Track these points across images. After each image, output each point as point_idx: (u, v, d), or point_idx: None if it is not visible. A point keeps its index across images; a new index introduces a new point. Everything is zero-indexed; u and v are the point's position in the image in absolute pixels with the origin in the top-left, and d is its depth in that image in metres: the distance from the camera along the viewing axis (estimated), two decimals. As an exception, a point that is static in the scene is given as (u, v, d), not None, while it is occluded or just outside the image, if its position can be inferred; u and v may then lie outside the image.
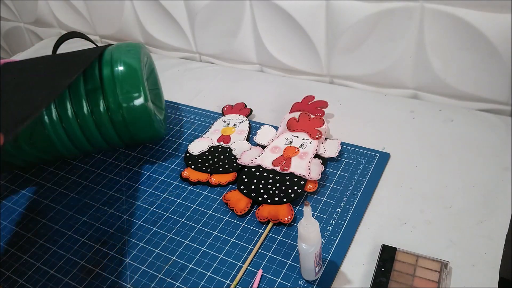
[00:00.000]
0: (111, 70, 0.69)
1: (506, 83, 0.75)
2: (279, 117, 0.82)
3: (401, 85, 0.85)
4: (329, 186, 0.68)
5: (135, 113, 0.69)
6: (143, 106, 0.69)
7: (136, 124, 0.71)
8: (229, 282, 0.58)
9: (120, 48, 0.72)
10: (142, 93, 0.69)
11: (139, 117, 0.70)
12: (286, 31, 0.89)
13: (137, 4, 1.06)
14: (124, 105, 0.68)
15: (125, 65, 0.69)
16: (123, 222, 0.68)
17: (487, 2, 0.68)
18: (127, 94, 0.68)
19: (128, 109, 0.69)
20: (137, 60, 0.71)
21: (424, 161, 0.70)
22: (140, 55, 0.72)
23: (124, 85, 0.68)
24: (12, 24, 1.39)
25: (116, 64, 0.69)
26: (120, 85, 0.68)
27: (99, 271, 0.62)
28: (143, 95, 0.69)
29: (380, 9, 0.76)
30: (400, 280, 0.53)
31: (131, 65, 0.69)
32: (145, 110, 0.70)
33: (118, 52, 0.71)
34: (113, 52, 0.71)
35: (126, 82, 0.68)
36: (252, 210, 0.66)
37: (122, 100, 0.68)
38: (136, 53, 0.72)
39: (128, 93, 0.68)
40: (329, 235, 0.61)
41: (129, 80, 0.69)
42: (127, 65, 0.69)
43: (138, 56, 0.71)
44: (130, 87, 0.68)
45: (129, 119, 0.70)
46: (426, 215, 0.62)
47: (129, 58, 0.70)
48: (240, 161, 0.73)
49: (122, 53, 0.71)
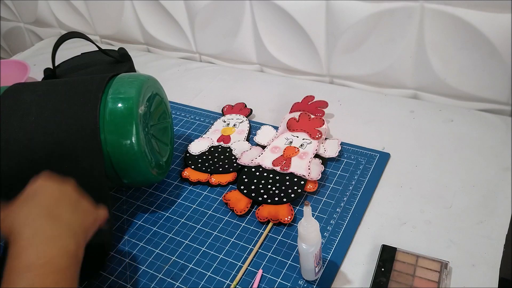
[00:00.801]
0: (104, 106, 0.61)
1: (506, 83, 0.75)
2: (279, 117, 0.82)
3: (401, 85, 0.85)
4: (329, 186, 0.68)
5: (121, 157, 0.61)
6: (133, 147, 0.61)
7: (123, 168, 0.63)
8: (229, 282, 0.58)
9: (120, 80, 0.65)
10: (133, 135, 0.61)
11: (127, 162, 0.62)
12: (286, 31, 0.89)
13: (137, 4, 1.06)
14: (110, 147, 0.60)
15: (119, 100, 0.62)
16: (123, 222, 0.68)
17: (487, 2, 0.68)
18: (113, 135, 0.60)
19: (115, 148, 0.61)
20: (134, 96, 0.62)
21: (424, 161, 0.70)
22: (141, 89, 0.64)
23: (112, 124, 0.60)
24: (12, 24, 1.39)
25: (111, 99, 0.62)
26: (109, 124, 0.60)
27: (99, 271, 0.62)
28: (134, 137, 0.61)
29: (380, 9, 0.76)
30: (400, 280, 0.53)
31: (125, 100, 0.62)
32: (133, 155, 0.61)
33: (116, 85, 0.64)
34: (112, 84, 0.64)
35: (115, 122, 0.60)
36: (252, 210, 0.66)
37: (108, 140, 0.60)
38: (136, 86, 0.64)
39: (116, 133, 0.60)
40: (329, 235, 0.61)
41: (119, 119, 0.61)
42: (121, 100, 0.62)
43: (139, 90, 0.63)
44: (118, 128, 0.60)
45: (115, 161, 0.61)
46: (426, 215, 0.62)
47: (126, 93, 0.62)
48: (240, 161, 0.73)
49: (121, 87, 0.63)
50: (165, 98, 0.74)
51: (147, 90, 0.66)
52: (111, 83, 0.64)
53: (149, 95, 0.67)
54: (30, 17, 1.31)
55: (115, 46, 1.16)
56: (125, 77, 0.66)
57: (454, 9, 0.71)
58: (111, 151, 0.61)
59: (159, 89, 0.72)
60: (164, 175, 0.71)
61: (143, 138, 0.63)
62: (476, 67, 0.75)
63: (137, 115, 0.62)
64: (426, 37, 0.76)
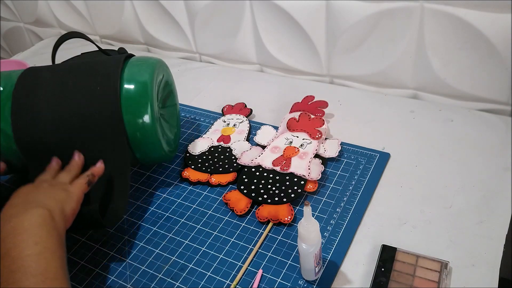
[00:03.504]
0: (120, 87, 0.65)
1: (506, 83, 0.75)
2: (279, 117, 0.82)
3: (401, 85, 0.85)
4: (329, 186, 0.68)
5: (138, 132, 0.65)
6: (148, 126, 0.65)
7: (140, 144, 0.66)
8: (229, 282, 0.58)
9: (134, 63, 0.69)
10: (148, 111, 0.65)
11: (144, 137, 0.66)
12: (286, 31, 0.89)
13: (137, 4, 1.06)
14: (128, 122, 0.64)
15: (134, 82, 0.65)
16: (123, 222, 0.68)
17: (487, 2, 0.68)
18: (131, 111, 0.64)
19: (130, 127, 0.64)
20: (149, 77, 0.66)
21: (424, 161, 0.70)
22: (153, 73, 0.68)
23: (130, 102, 0.64)
24: (12, 24, 1.39)
25: (126, 81, 0.65)
26: (126, 103, 0.64)
27: (99, 271, 0.62)
28: (150, 114, 0.65)
29: (380, 9, 0.76)
30: (400, 280, 0.53)
31: (140, 82, 0.65)
32: (150, 130, 0.65)
33: (131, 68, 0.67)
34: (126, 67, 0.67)
35: (132, 100, 0.64)
36: (252, 210, 0.66)
37: (125, 117, 0.64)
38: (149, 69, 0.67)
39: (133, 110, 0.64)
40: (329, 235, 0.61)
41: (135, 97, 0.64)
42: (136, 82, 0.65)
43: (151, 73, 0.67)
44: (136, 105, 0.64)
45: (132, 137, 0.65)
46: (426, 215, 0.62)
47: (140, 76, 0.66)
48: (240, 161, 0.73)
49: (135, 68, 0.67)
50: (173, 84, 0.78)
51: (159, 73, 0.70)
52: (125, 66, 0.68)
53: (160, 77, 0.70)
54: (30, 17, 1.31)
55: (115, 46, 1.16)
56: (138, 60, 0.70)
57: (454, 9, 0.71)
58: (127, 129, 0.64)
59: (167, 72, 0.75)
60: (173, 153, 0.74)
61: (156, 117, 0.66)
62: (476, 67, 0.75)
63: (151, 96, 0.65)
64: (426, 37, 0.76)
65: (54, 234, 0.49)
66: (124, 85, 0.65)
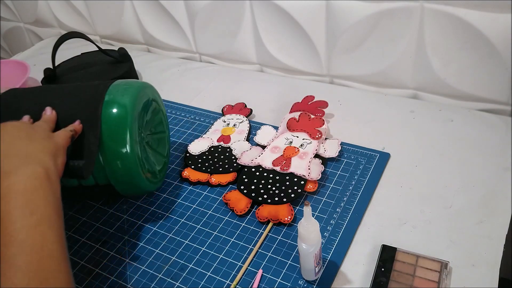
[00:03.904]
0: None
1: (506, 83, 0.75)
2: (279, 117, 0.82)
3: (401, 85, 0.85)
4: (329, 186, 0.68)
5: (116, 163, 0.60)
6: (126, 156, 0.60)
7: (117, 176, 0.62)
8: (229, 282, 0.58)
9: (116, 87, 0.63)
10: (126, 142, 0.60)
11: (121, 169, 0.61)
12: (286, 31, 0.89)
13: (137, 4, 1.06)
14: (104, 155, 0.60)
15: (114, 106, 0.61)
16: (123, 222, 0.68)
17: (487, 2, 0.68)
18: (108, 141, 0.59)
19: (108, 157, 0.60)
20: (130, 102, 0.62)
21: (424, 161, 0.70)
22: (136, 96, 0.63)
23: (107, 131, 0.59)
24: (12, 24, 1.39)
25: (106, 105, 0.61)
26: (105, 129, 0.60)
27: (99, 271, 0.62)
28: (128, 145, 0.60)
29: (380, 9, 0.76)
30: (400, 280, 0.53)
31: (119, 107, 0.60)
32: (127, 161, 0.60)
33: (113, 91, 0.63)
34: (109, 90, 0.63)
35: (110, 129, 0.60)
36: (252, 210, 0.66)
37: (103, 146, 0.59)
38: (131, 93, 0.63)
39: (110, 140, 0.59)
40: (329, 235, 0.61)
41: (113, 126, 0.60)
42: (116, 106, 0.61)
43: (134, 97, 0.63)
44: (112, 134, 0.60)
45: (109, 169, 0.61)
46: (426, 215, 0.62)
47: (121, 99, 0.61)
48: (240, 161, 0.73)
49: (117, 93, 0.62)
50: (162, 107, 0.73)
51: (143, 97, 0.65)
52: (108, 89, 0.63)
53: (144, 101, 0.66)
54: (30, 17, 1.31)
55: (115, 46, 1.16)
56: (120, 84, 0.65)
57: (454, 9, 0.71)
58: (105, 158, 0.60)
59: (156, 97, 0.70)
60: (158, 184, 0.69)
61: (137, 144, 0.62)
62: (476, 67, 0.75)
63: (131, 122, 0.61)
64: (426, 37, 0.76)
65: (51, 200, 0.45)
66: (103, 109, 0.60)
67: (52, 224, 0.43)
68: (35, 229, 0.42)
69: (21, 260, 0.39)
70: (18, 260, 0.39)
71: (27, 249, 0.40)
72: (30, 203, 0.43)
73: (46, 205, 0.44)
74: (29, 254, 0.40)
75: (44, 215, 0.43)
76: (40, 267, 0.40)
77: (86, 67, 0.99)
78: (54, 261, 0.41)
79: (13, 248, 0.40)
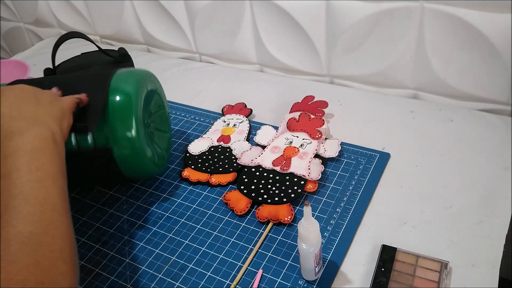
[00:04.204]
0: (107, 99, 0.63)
1: (506, 83, 0.75)
2: (279, 117, 0.82)
3: (401, 85, 0.85)
4: (329, 186, 0.68)
5: (123, 151, 0.63)
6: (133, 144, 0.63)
7: (126, 163, 0.64)
8: (229, 282, 0.58)
9: (119, 76, 0.66)
10: (133, 127, 0.62)
11: (129, 157, 0.63)
12: (286, 31, 0.89)
13: (137, 4, 1.06)
14: (112, 141, 0.62)
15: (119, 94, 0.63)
16: (123, 222, 0.68)
17: (487, 2, 0.68)
18: (114, 127, 0.62)
19: (116, 145, 0.62)
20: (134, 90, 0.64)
21: (424, 161, 0.70)
22: (138, 85, 0.65)
23: (114, 117, 0.62)
24: (12, 24, 1.39)
25: (111, 93, 0.63)
26: (111, 117, 0.62)
27: (99, 271, 0.62)
28: (134, 130, 0.62)
29: (380, 9, 0.76)
30: (400, 280, 0.53)
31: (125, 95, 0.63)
32: (134, 146, 0.63)
33: (115, 80, 0.65)
34: (112, 79, 0.65)
35: (116, 115, 0.62)
36: (252, 210, 0.66)
37: (109, 132, 0.62)
38: (134, 81, 0.65)
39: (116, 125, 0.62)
40: (329, 235, 0.61)
41: (119, 112, 0.62)
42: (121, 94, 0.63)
43: (137, 85, 0.65)
44: (119, 120, 0.62)
45: (118, 156, 0.63)
46: (426, 215, 0.62)
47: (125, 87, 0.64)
48: (240, 161, 0.73)
49: (119, 81, 0.65)
50: (160, 89, 0.75)
51: (147, 85, 0.68)
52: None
53: (146, 90, 0.68)
54: (30, 17, 1.31)
55: (115, 46, 1.16)
56: (121, 73, 0.67)
57: (454, 9, 0.71)
58: (114, 145, 0.62)
59: (154, 82, 0.73)
60: (165, 164, 0.72)
61: (143, 132, 0.64)
62: (476, 67, 0.75)
63: (136, 109, 0.63)
64: (426, 37, 0.76)
65: (56, 160, 0.48)
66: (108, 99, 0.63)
67: (55, 181, 0.46)
68: (39, 184, 0.44)
69: (25, 210, 0.42)
70: (23, 210, 0.42)
71: (31, 200, 0.43)
72: (36, 161, 0.45)
73: (51, 163, 0.47)
74: (32, 205, 0.42)
75: (48, 172, 0.46)
76: (42, 217, 0.42)
77: (86, 67, 0.99)
78: (55, 213, 0.44)
79: (18, 199, 0.42)
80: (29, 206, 0.42)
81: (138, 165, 0.65)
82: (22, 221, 0.41)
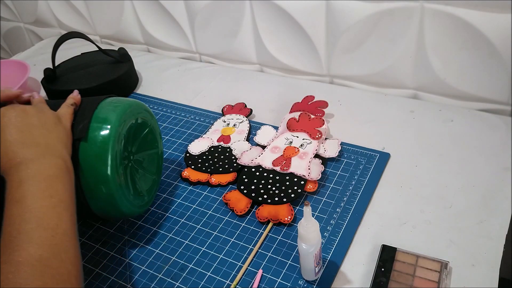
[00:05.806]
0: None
1: (506, 83, 0.75)
2: (279, 117, 0.82)
3: (401, 85, 0.85)
4: (329, 186, 0.68)
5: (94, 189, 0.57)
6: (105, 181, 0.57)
7: (97, 201, 0.59)
8: (229, 282, 0.58)
9: (102, 107, 0.61)
10: (107, 165, 0.57)
11: (101, 195, 0.58)
12: (286, 31, 0.89)
13: (137, 4, 1.06)
14: (83, 175, 0.57)
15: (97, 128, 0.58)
16: (123, 222, 0.68)
17: (487, 2, 0.68)
18: (87, 162, 0.57)
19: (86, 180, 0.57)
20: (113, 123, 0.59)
21: (424, 161, 0.70)
22: (120, 117, 0.60)
23: (88, 151, 0.57)
24: (12, 24, 1.39)
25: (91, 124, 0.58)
26: (84, 151, 0.57)
27: (99, 271, 0.62)
28: (109, 168, 0.57)
29: (380, 9, 0.76)
30: (400, 280, 0.53)
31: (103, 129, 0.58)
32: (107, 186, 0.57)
33: (98, 111, 0.60)
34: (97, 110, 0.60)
35: (90, 149, 0.57)
36: (252, 210, 0.66)
37: (82, 169, 0.57)
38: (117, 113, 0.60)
39: (89, 162, 0.57)
40: (329, 235, 0.61)
41: (94, 148, 0.57)
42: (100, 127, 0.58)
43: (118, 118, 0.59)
44: (93, 157, 0.57)
45: (87, 192, 0.58)
46: (426, 215, 0.62)
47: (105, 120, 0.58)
48: (240, 161, 0.73)
49: (101, 112, 0.60)
50: (154, 124, 0.69)
51: (129, 117, 0.62)
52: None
53: (131, 122, 0.63)
54: (30, 17, 1.31)
55: (115, 46, 1.16)
56: (108, 103, 0.62)
57: (454, 9, 0.71)
58: (86, 183, 0.57)
59: (145, 115, 0.66)
60: (144, 207, 0.65)
61: (120, 168, 0.59)
62: (476, 67, 0.75)
63: (113, 144, 0.58)
64: (426, 37, 0.76)
65: (69, 188, 0.50)
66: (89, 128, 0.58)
67: (67, 207, 0.48)
68: (52, 210, 0.46)
69: (37, 234, 0.43)
70: (35, 234, 0.43)
71: (44, 225, 0.44)
72: (50, 188, 0.48)
73: (64, 190, 0.49)
74: (45, 230, 0.44)
75: (61, 199, 0.48)
76: (53, 242, 0.44)
77: (86, 67, 0.99)
78: (66, 238, 0.45)
79: (31, 224, 0.44)
80: (41, 230, 0.44)
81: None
82: (34, 245, 0.43)
